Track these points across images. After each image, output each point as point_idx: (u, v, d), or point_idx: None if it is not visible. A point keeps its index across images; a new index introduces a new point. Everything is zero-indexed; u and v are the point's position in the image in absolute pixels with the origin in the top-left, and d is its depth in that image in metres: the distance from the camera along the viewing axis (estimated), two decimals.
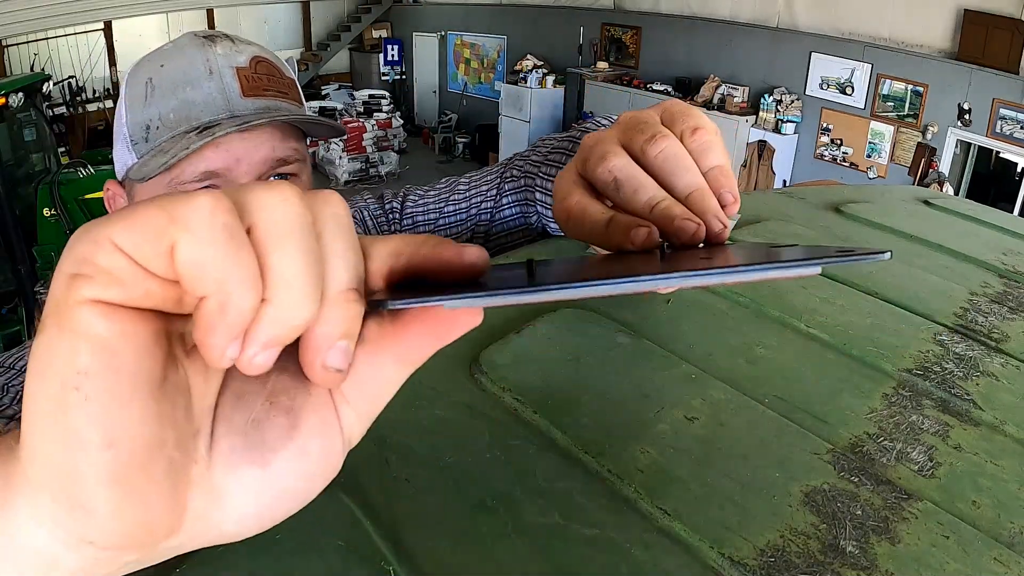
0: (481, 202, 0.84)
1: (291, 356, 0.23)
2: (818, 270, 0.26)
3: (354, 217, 0.87)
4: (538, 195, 0.76)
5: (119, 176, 0.74)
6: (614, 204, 0.38)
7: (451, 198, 0.86)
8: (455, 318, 0.24)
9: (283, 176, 0.72)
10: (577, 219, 0.39)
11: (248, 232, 0.21)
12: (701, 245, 0.36)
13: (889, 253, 0.25)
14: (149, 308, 0.21)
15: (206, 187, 0.66)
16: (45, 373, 0.20)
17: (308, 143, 0.78)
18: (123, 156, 0.71)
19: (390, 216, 0.88)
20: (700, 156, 0.38)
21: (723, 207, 0.38)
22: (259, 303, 0.20)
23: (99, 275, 0.20)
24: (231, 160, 0.68)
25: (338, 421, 0.24)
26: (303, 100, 0.78)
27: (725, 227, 0.37)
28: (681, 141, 0.38)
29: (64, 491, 0.20)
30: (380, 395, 0.25)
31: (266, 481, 0.23)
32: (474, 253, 0.24)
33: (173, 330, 0.22)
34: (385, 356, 0.24)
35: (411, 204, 0.88)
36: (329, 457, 0.24)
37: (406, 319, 0.24)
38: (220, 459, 0.22)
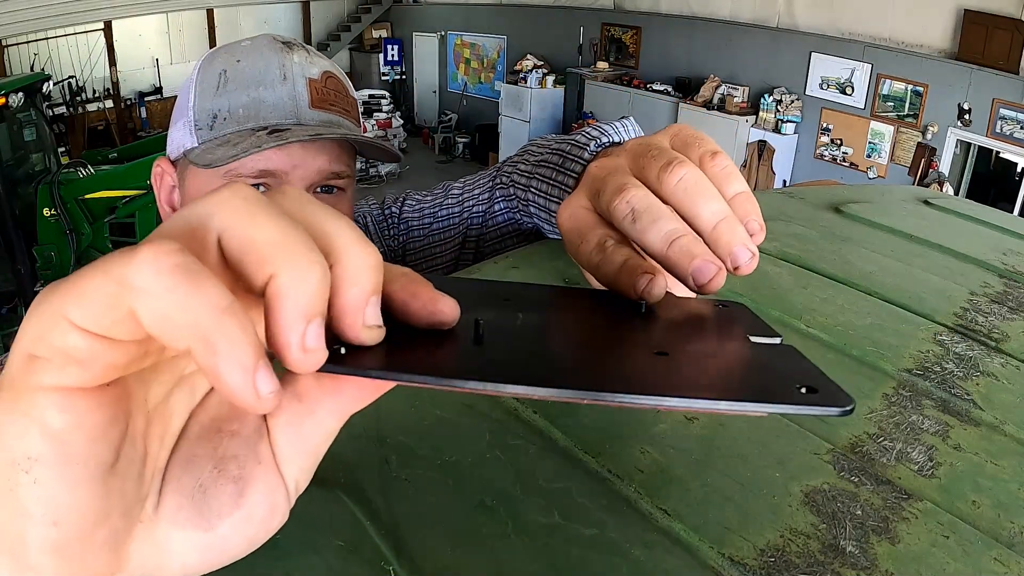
0: (473, 206, 0.85)
1: (243, 420, 0.24)
2: (765, 413, 0.24)
3: (357, 221, 0.88)
4: (532, 209, 0.76)
5: (172, 155, 0.76)
6: (629, 239, 0.35)
7: (444, 203, 0.87)
8: None
9: (330, 189, 0.74)
10: (595, 266, 0.35)
11: (222, 244, 0.21)
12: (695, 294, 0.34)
13: (852, 406, 0.23)
14: (112, 379, 0.20)
15: (258, 184, 0.69)
16: None
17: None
18: (182, 137, 0.73)
19: (390, 221, 0.89)
20: (722, 182, 0.35)
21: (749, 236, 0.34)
22: (251, 324, 0.19)
23: (56, 357, 0.19)
24: (289, 164, 0.70)
25: (283, 483, 0.24)
26: (360, 120, 0.81)
27: (754, 255, 0.34)
28: (701, 164, 0.35)
29: (11, 552, 0.20)
30: (319, 447, 0.25)
31: (210, 542, 0.23)
32: (447, 307, 0.24)
33: (135, 404, 0.21)
34: (323, 411, 0.24)
35: (408, 209, 0.89)
36: (274, 518, 0.24)
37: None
38: (166, 517, 0.22)
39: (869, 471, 0.42)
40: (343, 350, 0.22)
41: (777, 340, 0.29)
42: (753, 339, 0.30)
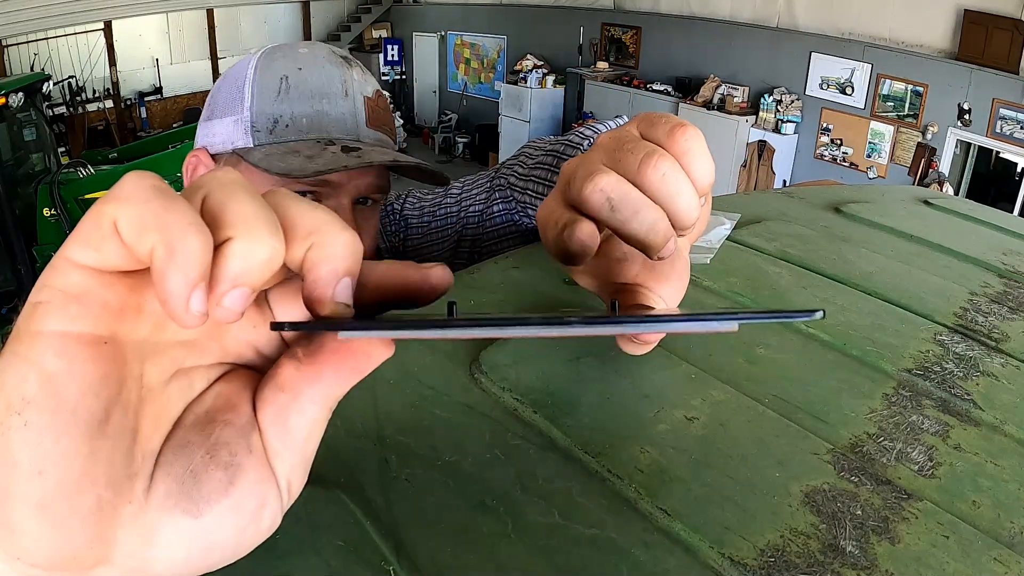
0: (470, 206, 0.86)
1: (237, 410, 0.24)
2: (735, 326, 0.25)
3: None
4: (530, 211, 0.77)
5: (212, 149, 0.75)
6: (607, 226, 0.36)
7: (443, 202, 0.88)
8: (368, 352, 0.25)
9: (364, 201, 0.76)
10: (554, 244, 0.37)
11: (203, 204, 0.22)
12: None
13: (821, 312, 0.24)
14: (108, 335, 0.21)
15: (311, 191, 0.71)
16: None
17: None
18: (231, 134, 0.73)
19: (392, 217, 0.90)
20: (690, 162, 0.35)
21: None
22: (211, 246, 0.21)
23: (55, 298, 0.21)
24: (346, 177, 0.72)
25: (274, 479, 0.24)
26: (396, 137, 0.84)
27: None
28: (667, 140, 0.35)
29: None
30: (309, 439, 0.25)
31: (197, 531, 0.23)
32: (437, 273, 0.26)
33: (130, 374, 0.22)
34: (305, 399, 0.24)
35: (409, 206, 0.91)
36: (264, 515, 0.24)
37: (320, 359, 0.24)
38: (155, 502, 0.23)
39: (869, 471, 0.42)
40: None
41: None
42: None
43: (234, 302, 0.21)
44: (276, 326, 0.24)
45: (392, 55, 12.04)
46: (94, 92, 9.69)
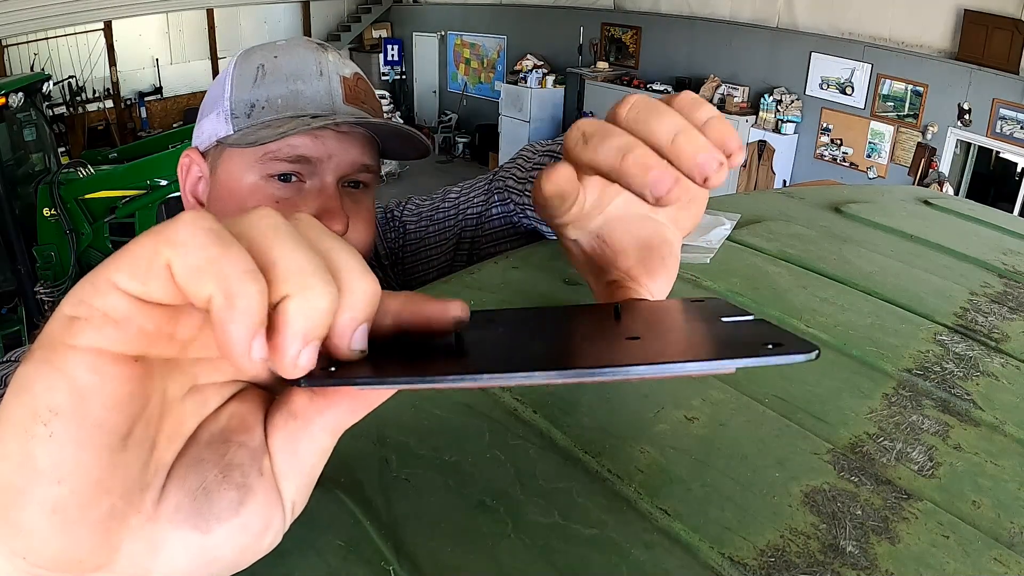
0: (468, 209, 0.86)
1: (251, 432, 0.25)
2: (733, 368, 0.25)
3: None
4: (529, 212, 0.77)
5: (201, 146, 0.77)
6: (583, 164, 0.33)
7: (441, 206, 0.88)
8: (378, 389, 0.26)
9: (355, 184, 0.75)
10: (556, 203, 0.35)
11: (249, 248, 0.22)
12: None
13: (817, 351, 0.24)
14: (139, 355, 0.22)
15: (291, 173, 0.71)
16: (21, 397, 0.21)
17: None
18: (214, 127, 0.74)
19: (392, 224, 0.91)
20: (690, 111, 0.33)
21: (728, 156, 0.32)
22: (266, 292, 0.21)
23: (94, 317, 0.21)
24: (324, 153, 0.71)
25: (280, 501, 0.25)
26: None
27: (723, 164, 0.31)
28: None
29: (4, 505, 0.21)
30: (315, 464, 0.26)
31: (203, 546, 0.23)
32: (457, 308, 0.26)
33: (155, 390, 0.23)
34: (315, 427, 0.25)
35: (407, 213, 0.91)
36: (268, 534, 0.25)
37: (332, 391, 0.25)
38: (165, 515, 0.23)
39: (869, 471, 0.42)
40: (333, 368, 0.24)
41: (749, 317, 0.30)
42: (725, 320, 0.30)
43: (308, 359, 0.22)
44: (294, 382, 0.24)
45: (392, 55, 12.03)
46: (94, 92, 9.69)
